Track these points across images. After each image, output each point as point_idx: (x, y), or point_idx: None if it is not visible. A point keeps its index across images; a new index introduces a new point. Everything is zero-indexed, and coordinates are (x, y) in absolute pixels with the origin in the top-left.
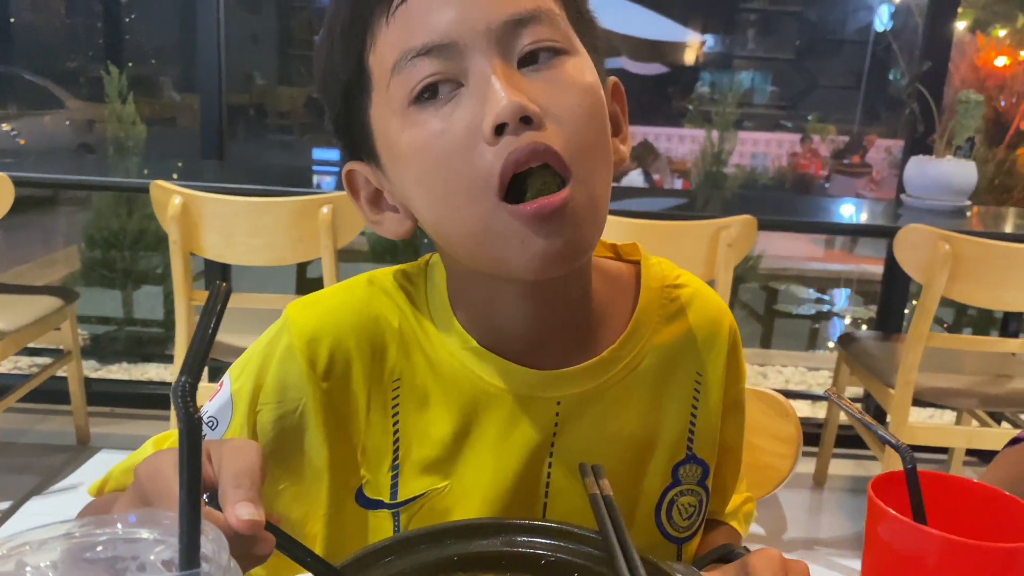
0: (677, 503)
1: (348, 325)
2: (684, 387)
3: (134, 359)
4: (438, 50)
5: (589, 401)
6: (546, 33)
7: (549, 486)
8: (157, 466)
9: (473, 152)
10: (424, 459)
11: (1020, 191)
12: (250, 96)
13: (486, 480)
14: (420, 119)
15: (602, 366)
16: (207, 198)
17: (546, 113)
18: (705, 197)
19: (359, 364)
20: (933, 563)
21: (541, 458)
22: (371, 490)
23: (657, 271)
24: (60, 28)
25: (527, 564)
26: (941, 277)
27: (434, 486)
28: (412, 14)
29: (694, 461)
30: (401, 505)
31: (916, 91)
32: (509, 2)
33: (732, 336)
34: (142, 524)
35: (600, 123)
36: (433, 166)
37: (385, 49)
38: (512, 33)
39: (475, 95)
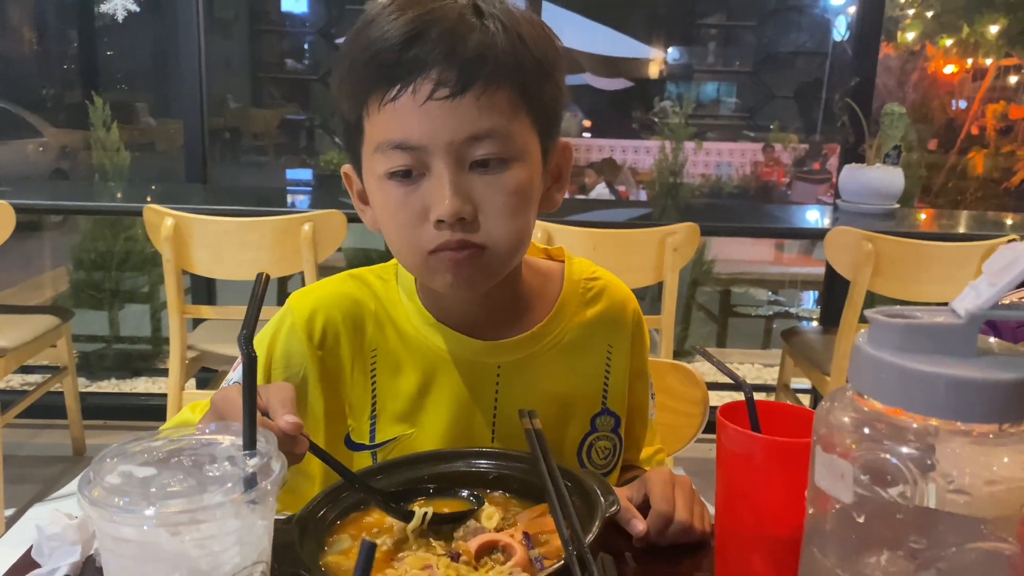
0: (595, 446)
1: (336, 307)
2: (598, 356)
3: (123, 375)
4: (411, 148)
5: (523, 367)
6: (496, 147)
7: (495, 434)
8: (226, 394)
9: (420, 227)
10: (395, 411)
11: (973, 193)
12: (224, 119)
13: (443, 428)
14: (390, 188)
15: (532, 339)
16: (197, 219)
17: (479, 209)
18: (662, 207)
19: (345, 336)
20: (758, 459)
21: (487, 411)
22: (356, 435)
23: (578, 267)
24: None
25: (479, 479)
26: (866, 273)
27: (404, 432)
28: (397, 112)
29: (608, 413)
30: (378, 446)
31: (846, 104)
32: (469, 124)
33: (636, 317)
34: (219, 432)
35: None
36: (392, 223)
37: (374, 127)
38: (468, 145)
39: (431, 188)
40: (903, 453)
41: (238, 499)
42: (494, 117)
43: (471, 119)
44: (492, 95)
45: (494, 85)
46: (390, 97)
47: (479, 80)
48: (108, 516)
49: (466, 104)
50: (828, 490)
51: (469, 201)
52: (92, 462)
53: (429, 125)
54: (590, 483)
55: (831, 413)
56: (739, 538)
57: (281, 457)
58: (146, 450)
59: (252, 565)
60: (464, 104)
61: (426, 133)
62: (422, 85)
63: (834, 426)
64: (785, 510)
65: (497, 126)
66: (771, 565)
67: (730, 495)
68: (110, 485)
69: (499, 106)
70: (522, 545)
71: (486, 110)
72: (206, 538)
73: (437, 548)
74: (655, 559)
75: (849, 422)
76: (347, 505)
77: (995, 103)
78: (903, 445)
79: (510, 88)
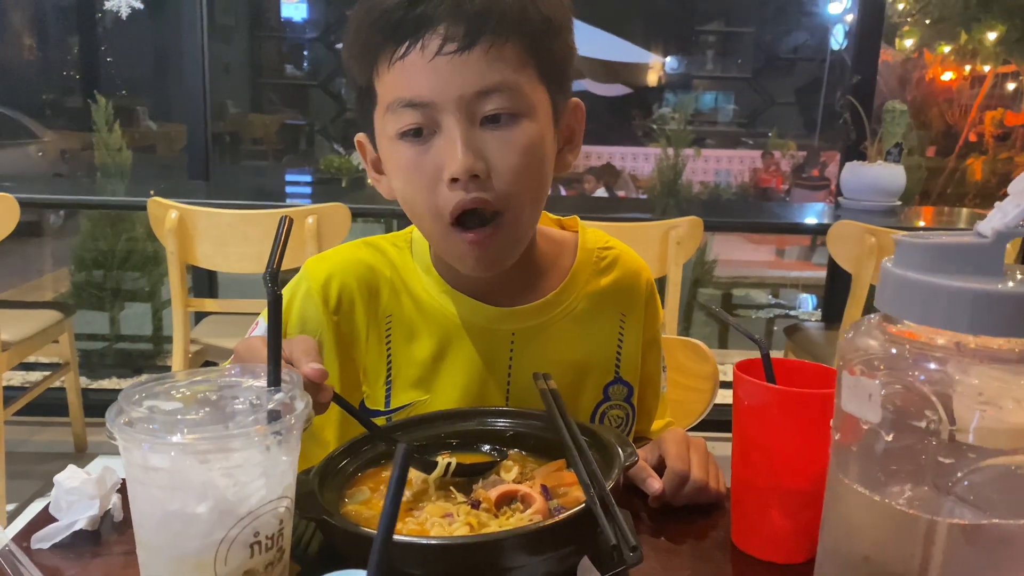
0: (608, 415)
1: (351, 273)
2: (611, 324)
3: (125, 373)
4: (421, 106)
5: (537, 334)
6: (506, 102)
7: (508, 401)
8: (249, 343)
9: (435, 189)
10: (410, 377)
11: (972, 198)
12: (224, 124)
13: (457, 394)
14: (403, 149)
15: (546, 307)
16: (201, 211)
17: (492, 168)
18: (664, 206)
19: (360, 302)
20: (775, 411)
21: (501, 378)
22: (370, 402)
23: (592, 236)
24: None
25: (495, 436)
26: (869, 267)
27: (418, 398)
28: (406, 69)
29: (620, 382)
30: (393, 412)
31: (848, 102)
32: (478, 78)
33: (649, 286)
34: (242, 374)
35: (533, 173)
36: (407, 186)
37: (384, 87)
38: (478, 100)
39: (443, 146)
40: (931, 370)
41: (262, 430)
42: (503, 70)
43: (480, 73)
44: (500, 48)
45: (502, 38)
46: (399, 55)
47: (487, 33)
48: (138, 443)
49: (475, 58)
50: (855, 412)
51: (481, 158)
52: (119, 395)
53: (438, 80)
54: (607, 436)
55: (857, 337)
56: (756, 491)
57: (306, 396)
58: (171, 387)
59: (277, 499)
60: (473, 58)
61: (435, 88)
62: (430, 40)
63: (861, 349)
64: (802, 462)
65: (506, 79)
66: (789, 517)
67: (747, 449)
68: (138, 416)
69: (508, 59)
70: (541, 495)
71: (495, 63)
72: (233, 467)
73: (458, 498)
74: (670, 519)
75: (876, 344)
76: (366, 459)
77: (993, 110)
78: (931, 362)
79: (518, 42)
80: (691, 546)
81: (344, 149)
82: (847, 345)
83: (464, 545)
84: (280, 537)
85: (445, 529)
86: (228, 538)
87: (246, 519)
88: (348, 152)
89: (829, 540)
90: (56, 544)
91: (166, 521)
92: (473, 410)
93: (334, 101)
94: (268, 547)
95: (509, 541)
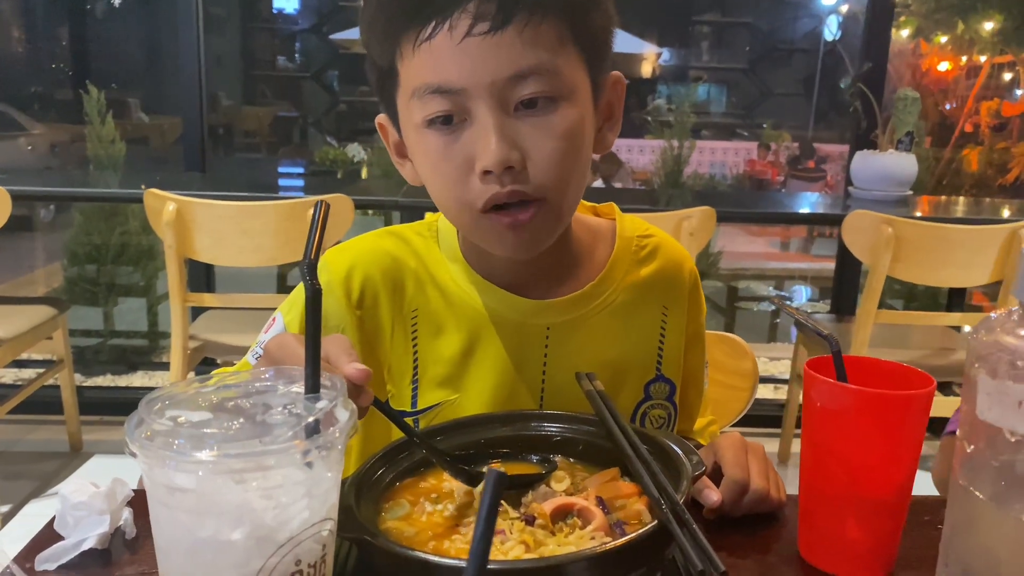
0: (649, 415)
1: (374, 265)
2: (653, 318)
3: (120, 369)
4: (450, 92)
5: (574, 329)
6: (542, 85)
7: (543, 401)
8: (282, 340)
9: (466, 180)
10: (438, 375)
11: (968, 190)
12: (217, 116)
13: (489, 394)
14: (430, 138)
15: (584, 299)
16: (199, 203)
17: (528, 157)
18: (667, 197)
19: (384, 296)
20: (853, 414)
21: (535, 376)
22: (396, 402)
23: (630, 224)
24: (20, 53)
25: (541, 442)
26: (885, 258)
27: (447, 398)
28: (433, 52)
29: (662, 380)
30: (420, 413)
31: (858, 90)
32: (512, 61)
33: (692, 277)
34: (277, 378)
35: (572, 159)
36: (435, 176)
37: (409, 70)
38: (512, 85)
39: (475, 135)
40: None
41: (300, 445)
42: (539, 52)
43: (514, 55)
44: (536, 27)
45: (538, 16)
46: (425, 36)
47: (522, 11)
48: (161, 460)
49: (508, 39)
50: (997, 422)
51: (516, 147)
52: (139, 405)
53: (469, 64)
54: (667, 442)
55: (997, 336)
56: (830, 501)
57: (350, 404)
58: (198, 394)
59: (320, 522)
60: (506, 39)
61: (465, 74)
62: (459, 20)
63: (1005, 349)
64: (883, 469)
65: (543, 61)
66: (867, 530)
67: (819, 455)
68: (161, 428)
69: (544, 39)
70: (599, 509)
71: (530, 44)
72: (273, 487)
73: (509, 511)
74: (729, 530)
75: (1019, 343)
76: (403, 468)
77: (989, 100)
78: None
79: (556, 18)
80: (755, 561)
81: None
82: (982, 345)
83: (529, 570)
84: (323, 564)
85: (499, 549)
86: (267, 568)
87: (287, 546)
88: (342, 144)
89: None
90: (63, 565)
91: (195, 550)
92: (515, 413)
93: (327, 93)
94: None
95: (578, 565)
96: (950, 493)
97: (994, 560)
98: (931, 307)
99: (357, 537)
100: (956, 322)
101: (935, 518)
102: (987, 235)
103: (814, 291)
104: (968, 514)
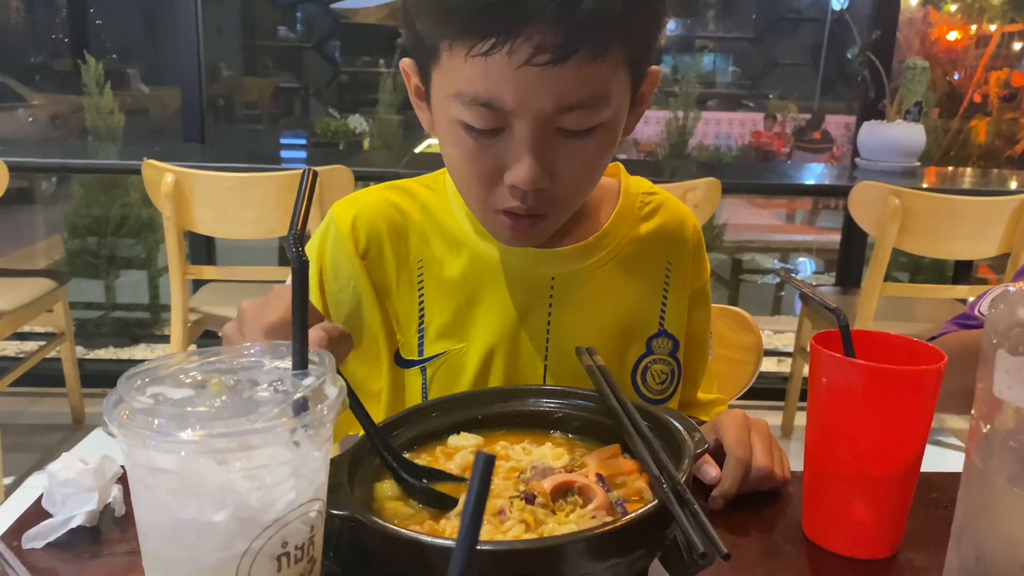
0: (651, 369)
1: (379, 216)
2: (656, 274)
3: (122, 342)
4: (497, 108)
5: (578, 281)
6: (588, 117)
7: (548, 354)
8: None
9: (491, 184)
10: (444, 324)
11: (975, 161)
12: (218, 87)
13: (494, 343)
14: (463, 136)
15: (588, 250)
16: (199, 175)
17: (557, 177)
18: (672, 168)
19: (389, 247)
20: (861, 390)
21: (540, 327)
22: (405, 351)
23: (635, 182)
24: (19, 23)
25: (540, 419)
26: (892, 230)
27: (452, 347)
28: (487, 70)
29: (665, 335)
30: (427, 361)
31: (867, 59)
32: (567, 93)
33: (696, 234)
34: (263, 353)
35: (598, 175)
36: (460, 169)
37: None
38: (560, 113)
39: (510, 149)
40: None
41: (288, 423)
42: (594, 84)
43: (570, 87)
44: (597, 60)
45: (601, 48)
46: (481, 50)
47: (586, 45)
48: (142, 441)
49: (567, 71)
50: (1017, 401)
51: (549, 171)
52: (118, 382)
53: (522, 91)
54: (668, 419)
55: (1017, 311)
56: (836, 479)
57: (339, 380)
58: (180, 371)
59: (308, 502)
60: (565, 71)
61: (516, 98)
62: (520, 46)
63: None
64: (891, 447)
65: (595, 93)
66: (874, 508)
67: (825, 432)
68: (141, 407)
69: (602, 70)
70: (599, 487)
71: (587, 78)
72: (257, 468)
73: (509, 489)
74: (731, 507)
75: None
76: (400, 442)
77: (998, 70)
78: None
79: (616, 48)
80: (758, 539)
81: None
82: (1001, 319)
83: (528, 551)
84: (311, 546)
85: (498, 528)
86: (252, 550)
87: (272, 527)
88: (343, 116)
89: (969, 549)
90: (51, 543)
91: (177, 532)
92: (514, 389)
93: (329, 64)
94: (298, 558)
95: (578, 545)
96: (964, 474)
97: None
98: (937, 280)
99: (347, 516)
100: (963, 295)
101: (942, 496)
102: (995, 207)
103: (819, 263)
104: (983, 497)
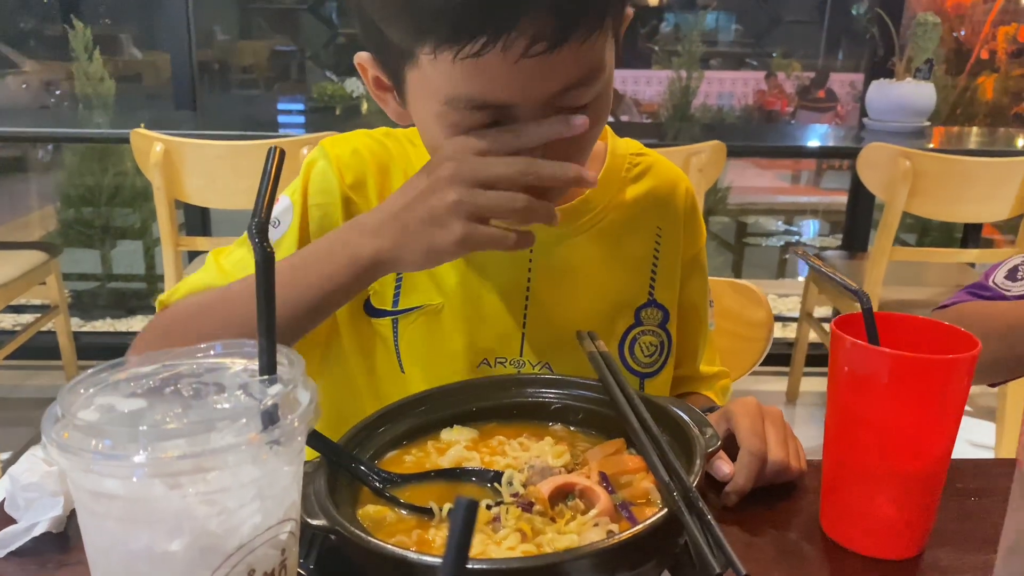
0: (639, 341)
1: (368, 152)
2: (646, 240)
3: (118, 313)
4: (495, 105)
5: (559, 245)
6: (588, 91)
7: (526, 323)
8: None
9: None
10: (422, 277)
11: (982, 119)
12: (212, 51)
13: (470, 304)
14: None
15: (569, 214)
16: (188, 143)
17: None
18: (675, 130)
19: (373, 186)
20: (886, 379)
21: (519, 293)
22: (377, 300)
23: (623, 144)
24: None
25: (538, 410)
26: (902, 193)
27: (429, 301)
28: (482, 69)
29: (655, 305)
30: (400, 313)
31: (876, 15)
32: (567, 75)
33: (689, 198)
34: (226, 353)
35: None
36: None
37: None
38: (562, 95)
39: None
40: None
41: (255, 439)
42: (591, 58)
43: (569, 69)
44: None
45: (597, 23)
46: (471, 51)
47: (581, 25)
48: (84, 465)
49: (564, 54)
50: None
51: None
52: (59, 393)
53: (522, 83)
54: (678, 412)
55: None
56: (858, 475)
57: (310, 385)
58: (132, 377)
59: (278, 524)
60: (562, 55)
61: (516, 92)
62: (515, 40)
63: None
64: (920, 441)
65: (593, 66)
66: (900, 506)
67: (847, 424)
68: (86, 423)
69: (596, 44)
70: (603, 488)
71: (585, 55)
72: (215, 491)
73: (504, 497)
74: (744, 503)
75: None
76: (384, 442)
77: (1007, 25)
78: None
79: (609, 17)
80: (774, 538)
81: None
82: None
83: (523, 570)
84: (283, 570)
85: (492, 539)
86: None
87: (236, 555)
88: (341, 79)
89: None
90: (14, 552)
91: (128, 562)
92: (510, 378)
93: (325, 26)
94: None
95: (579, 563)
96: (1014, 487)
97: None
98: (946, 243)
99: (326, 528)
100: (973, 259)
101: (968, 486)
102: (1008, 168)
103: (824, 225)
104: None
